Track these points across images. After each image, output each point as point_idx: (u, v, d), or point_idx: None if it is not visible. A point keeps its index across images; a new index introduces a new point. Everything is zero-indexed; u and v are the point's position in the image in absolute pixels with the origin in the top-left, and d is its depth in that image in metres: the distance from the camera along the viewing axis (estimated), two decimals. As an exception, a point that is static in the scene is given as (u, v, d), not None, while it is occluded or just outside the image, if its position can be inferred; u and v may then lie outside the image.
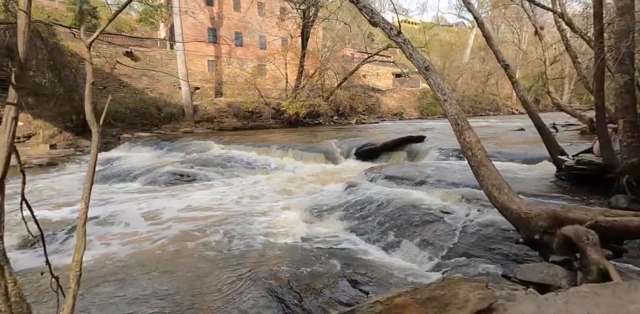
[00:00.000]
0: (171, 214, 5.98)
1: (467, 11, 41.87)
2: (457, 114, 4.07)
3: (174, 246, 4.50)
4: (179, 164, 10.15)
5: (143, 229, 5.20)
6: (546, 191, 5.20)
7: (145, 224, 5.45)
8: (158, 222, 5.51)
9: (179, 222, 5.51)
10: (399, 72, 35.33)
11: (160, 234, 4.99)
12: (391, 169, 7.14)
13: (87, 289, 3.41)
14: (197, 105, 22.28)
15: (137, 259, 4.13)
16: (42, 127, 16.95)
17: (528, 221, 2.94)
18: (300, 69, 22.47)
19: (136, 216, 5.83)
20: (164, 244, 4.58)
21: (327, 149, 10.87)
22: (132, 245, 4.61)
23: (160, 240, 4.75)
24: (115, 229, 5.28)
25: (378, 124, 24.41)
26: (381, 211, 4.98)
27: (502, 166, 6.44)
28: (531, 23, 12.50)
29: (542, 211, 2.86)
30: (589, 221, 2.49)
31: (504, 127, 16.45)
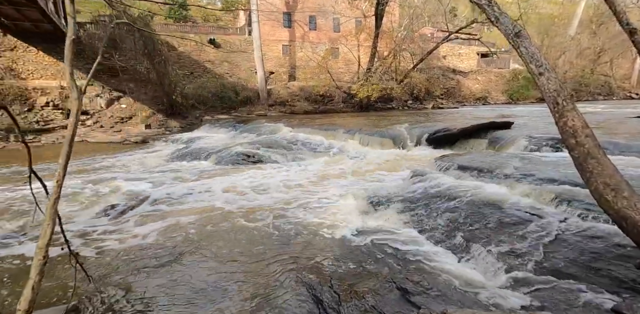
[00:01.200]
0: (230, 193, 6.08)
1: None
2: (556, 90, 3.18)
3: (224, 225, 4.51)
4: (247, 145, 10.45)
5: (198, 205, 5.35)
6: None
7: (202, 201, 5.61)
8: (214, 201, 5.63)
9: (234, 202, 5.56)
10: (485, 52, 31.66)
11: (214, 212, 5.07)
12: (467, 158, 6.25)
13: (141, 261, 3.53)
14: (271, 89, 22.90)
15: (183, 235, 4.22)
16: (140, 110, 19.13)
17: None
18: (373, 50, 21.40)
19: (196, 193, 6.06)
20: (214, 223, 4.62)
21: (396, 134, 10.14)
22: (184, 219, 4.74)
23: (212, 218, 4.81)
24: (170, 205, 5.53)
25: (457, 109, 22.36)
26: (449, 206, 4.31)
27: (616, 160, 5.15)
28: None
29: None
30: None
31: (618, 113, 13.59)
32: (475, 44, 32.52)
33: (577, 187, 4.11)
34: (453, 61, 32.45)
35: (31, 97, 17.56)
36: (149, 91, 19.75)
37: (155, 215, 5.09)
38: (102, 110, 18.73)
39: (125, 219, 4.91)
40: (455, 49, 32.74)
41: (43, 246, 1.11)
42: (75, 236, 4.25)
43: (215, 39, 23.56)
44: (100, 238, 4.28)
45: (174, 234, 4.28)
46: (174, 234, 4.28)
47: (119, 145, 14.91)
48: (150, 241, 4.13)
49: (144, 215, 5.11)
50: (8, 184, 7.17)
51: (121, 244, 4.08)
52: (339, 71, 26.48)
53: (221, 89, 21.21)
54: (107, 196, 6.01)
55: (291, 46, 25.92)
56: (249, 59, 23.84)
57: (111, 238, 4.24)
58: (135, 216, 5.08)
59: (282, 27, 25.48)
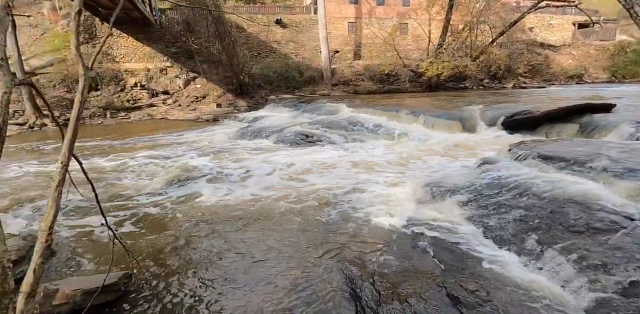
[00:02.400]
0: (285, 174, 6.10)
1: None
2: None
3: (274, 205, 4.51)
4: (307, 125, 10.42)
5: (254, 185, 5.44)
6: None
7: (258, 180, 5.70)
8: (270, 180, 5.69)
9: (287, 183, 5.56)
10: (585, 21, 26.88)
11: (267, 192, 5.10)
12: (551, 146, 5.36)
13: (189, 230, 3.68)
14: (335, 68, 22.46)
15: (233, 211, 4.30)
16: (213, 89, 20.26)
17: None
18: (446, 24, 19.46)
19: (254, 171, 6.19)
20: (265, 202, 4.65)
21: (466, 116, 9.21)
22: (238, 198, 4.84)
23: (264, 197, 4.85)
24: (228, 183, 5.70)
25: (544, 89, 19.66)
26: (523, 203, 3.72)
27: None
28: None
29: None
30: None
31: None
32: (571, 12, 27.78)
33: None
34: (542, 33, 28.30)
35: (123, 78, 19.60)
36: (220, 71, 20.70)
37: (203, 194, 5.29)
38: (180, 90, 20.21)
39: (181, 195, 5.19)
40: (545, 19, 28.42)
41: (46, 229, 1.07)
42: (127, 209, 4.61)
43: (282, 18, 23.56)
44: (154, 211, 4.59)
45: (219, 213, 4.40)
46: (219, 213, 4.40)
47: (193, 122, 16.09)
48: (198, 218, 4.30)
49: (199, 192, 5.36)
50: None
51: (162, 219, 4.31)
52: (407, 48, 24.84)
53: (286, 68, 21.38)
54: (173, 170, 6.44)
55: (357, 23, 24.88)
56: (314, 38, 23.53)
57: (160, 213, 4.50)
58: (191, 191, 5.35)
59: (348, 4, 24.46)
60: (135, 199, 5.02)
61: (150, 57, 20.47)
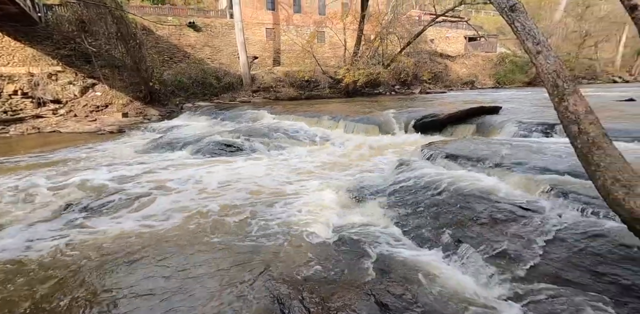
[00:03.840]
0: (200, 188, 5.64)
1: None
2: (556, 70, 2.78)
3: (189, 224, 4.10)
4: (227, 134, 9.93)
5: (165, 204, 4.90)
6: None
7: (169, 198, 5.15)
8: (183, 197, 5.19)
9: (203, 199, 5.13)
10: (473, 35, 31.15)
11: (179, 210, 4.63)
12: (455, 145, 5.90)
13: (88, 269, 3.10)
14: (255, 74, 22.07)
15: (144, 239, 3.79)
16: (117, 97, 18.16)
17: (684, 244, 1.78)
18: (359, 34, 20.64)
19: (165, 188, 5.59)
20: (178, 223, 4.20)
21: (382, 120, 9.74)
22: (146, 221, 4.30)
23: (176, 217, 4.39)
24: (134, 202, 5.06)
25: (445, 94, 22.04)
26: (437, 200, 3.97)
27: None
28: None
29: None
30: None
31: (606, 97, 13.45)
32: (462, 27, 31.93)
33: (573, 177, 3.81)
34: (440, 45, 31.88)
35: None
36: (125, 77, 18.71)
37: (111, 215, 4.62)
38: (76, 98, 17.71)
39: (78, 220, 4.43)
40: (442, 33, 32.11)
41: None
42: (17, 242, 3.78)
43: (195, 22, 22.37)
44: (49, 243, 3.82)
45: (128, 238, 3.85)
46: (128, 238, 3.85)
47: (93, 135, 14.15)
48: (102, 244, 3.69)
49: (100, 214, 4.64)
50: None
51: (71, 248, 3.63)
52: (325, 56, 25.67)
53: (202, 74, 20.30)
54: (65, 193, 5.49)
55: (275, 30, 24.91)
56: (231, 43, 22.84)
57: (62, 242, 3.78)
58: (90, 215, 4.60)
59: (265, 10, 24.38)
60: (7, 233, 4.11)
61: (35, 60, 17.58)
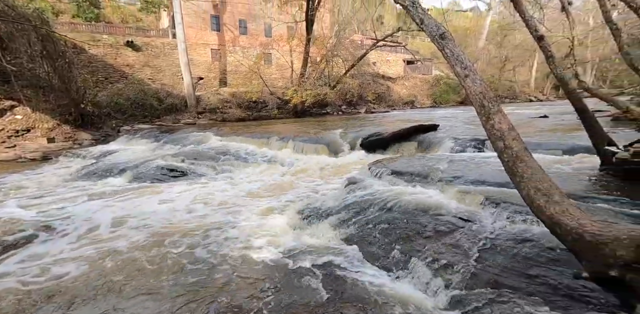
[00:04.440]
0: (141, 217, 5.20)
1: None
2: (482, 92, 3.06)
3: (129, 259, 3.71)
4: (170, 158, 9.41)
5: (99, 237, 4.42)
6: (590, 191, 4.17)
7: (105, 230, 4.67)
8: (120, 229, 4.73)
9: (145, 228, 4.72)
10: (411, 59, 33.76)
11: (118, 243, 4.20)
12: (400, 162, 6.16)
13: None
14: (200, 95, 21.51)
15: (79, 277, 3.35)
16: (41, 121, 16.45)
17: (598, 247, 1.97)
18: (306, 56, 21.31)
19: (98, 220, 5.06)
20: (117, 258, 3.78)
21: (330, 139, 9.93)
22: (80, 259, 3.82)
23: (114, 251, 3.96)
24: (65, 237, 4.51)
25: (389, 113, 23.26)
26: (386, 217, 4.05)
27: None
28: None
29: (624, 234, 1.89)
30: None
31: (525, 114, 15.15)
32: (401, 51, 34.47)
33: (503, 188, 4.14)
34: (382, 67, 33.97)
35: None
36: (52, 99, 17.10)
37: (35, 254, 4.05)
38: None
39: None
40: (383, 56, 34.33)
41: None
42: None
43: (134, 41, 21.47)
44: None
45: (58, 276, 3.38)
46: (58, 276, 3.38)
47: (12, 163, 12.60)
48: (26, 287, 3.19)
49: (18, 255, 4.04)
50: None
51: None
52: (272, 77, 25.96)
53: (142, 96, 19.29)
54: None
55: (221, 51, 24.77)
56: (174, 64, 22.17)
57: None
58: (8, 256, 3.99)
59: (210, 31, 24.24)
60: None
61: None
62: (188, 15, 22.53)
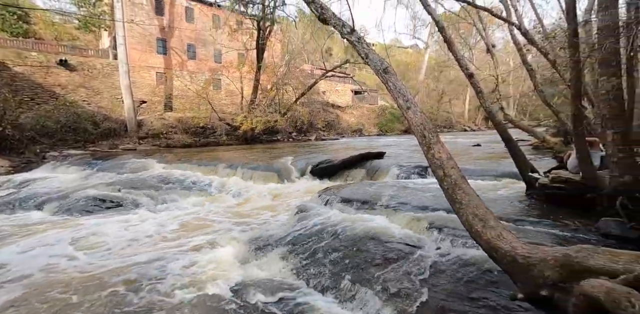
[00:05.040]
0: (67, 255, 4.59)
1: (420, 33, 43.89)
2: (422, 124, 3.29)
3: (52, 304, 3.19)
4: (104, 187, 8.61)
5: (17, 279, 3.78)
6: (519, 214, 4.56)
7: (24, 271, 4.03)
8: (41, 272, 4.11)
9: (72, 268, 4.16)
10: (358, 89, 35.68)
11: (29, 286, 3.62)
12: (349, 189, 6.26)
13: None
14: (142, 120, 20.40)
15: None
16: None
17: (528, 268, 2.12)
18: (256, 83, 21.52)
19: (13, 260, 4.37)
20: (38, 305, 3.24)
21: (280, 167, 9.86)
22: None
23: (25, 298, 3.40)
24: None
25: (338, 141, 23.91)
26: (335, 245, 4.02)
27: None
28: (483, 41, 12.67)
29: (549, 256, 2.05)
30: (626, 275, 1.70)
31: (461, 143, 16.51)
32: (349, 82, 36.39)
33: (445, 213, 4.37)
34: (332, 97, 35.36)
35: None
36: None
37: None
38: None
39: None
40: (332, 86, 35.87)
41: None
42: None
43: (68, 60, 20.04)
44: None
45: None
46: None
47: None
48: None
49: None
50: None
51: None
52: (222, 103, 25.66)
53: (74, 118, 17.80)
54: None
55: (167, 74, 24.06)
56: (114, 86, 20.99)
57: None
58: None
59: (155, 54, 23.57)
60: None
61: None
62: (132, 37, 21.83)
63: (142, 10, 22.66)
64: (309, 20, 22.58)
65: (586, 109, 7.11)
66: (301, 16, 27.92)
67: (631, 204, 3.15)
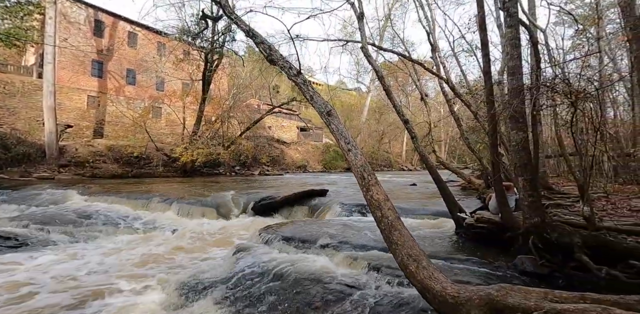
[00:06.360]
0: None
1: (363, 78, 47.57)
2: (362, 166, 3.48)
3: None
4: (8, 222, 7.44)
5: None
6: (449, 252, 4.85)
7: None
8: None
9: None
10: (303, 126, 36.64)
11: None
12: (290, 228, 6.17)
13: None
14: (66, 146, 18.48)
15: None
16: None
17: (457, 307, 2.23)
18: (200, 114, 21.04)
19: None
20: None
21: (220, 202, 9.44)
22: None
23: None
24: None
25: (282, 176, 23.80)
26: (274, 288, 3.85)
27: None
28: (418, 90, 14.08)
29: (474, 295, 2.20)
30: (537, 311, 1.88)
31: (398, 182, 17.46)
32: (295, 119, 37.30)
33: (383, 252, 4.49)
34: (277, 132, 35.74)
35: None
36: None
37: None
38: None
39: None
40: (279, 121, 36.45)
41: None
42: None
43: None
44: None
45: None
46: None
47: None
48: None
49: None
50: None
51: None
52: (161, 132, 24.49)
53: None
54: None
55: (101, 98, 22.55)
56: (35, 107, 19.02)
57: None
58: None
59: (89, 76, 22.11)
60: None
61: None
62: (63, 56, 20.42)
63: (78, 30, 21.54)
64: (259, 57, 23.28)
65: (503, 156, 8.11)
66: (250, 52, 28.75)
67: (540, 244, 3.56)
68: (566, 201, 6.49)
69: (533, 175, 3.60)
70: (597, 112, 3.94)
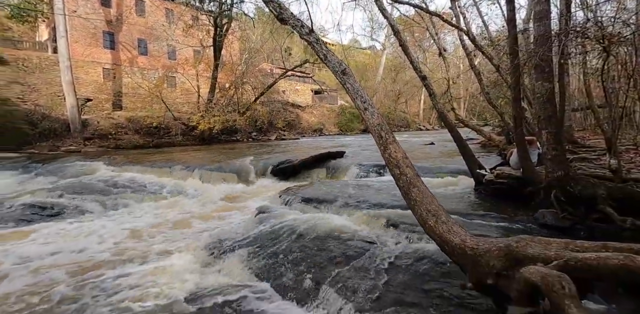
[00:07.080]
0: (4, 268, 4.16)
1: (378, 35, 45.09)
2: (379, 124, 3.40)
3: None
4: (44, 193, 7.91)
5: None
6: (468, 208, 4.87)
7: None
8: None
9: (8, 283, 3.79)
10: (318, 89, 35.87)
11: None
12: (309, 189, 6.30)
13: None
14: (88, 119, 18.96)
15: None
16: None
17: (476, 259, 2.28)
18: (214, 81, 20.86)
19: None
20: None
21: (240, 167, 9.66)
22: None
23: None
24: None
25: (298, 140, 23.90)
26: (296, 245, 4.02)
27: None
28: (436, 45, 13.29)
29: (493, 246, 2.22)
30: (557, 260, 1.89)
31: (416, 142, 17.22)
32: (309, 82, 36.47)
33: (401, 210, 4.55)
34: (292, 96, 35.23)
35: None
36: None
37: None
38: None
39: None
40: (293, 85, 35.75)
41: None
42: None
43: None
44: None
45: None
46: None
47: None
48: None
49: None
50: None
51: None
52: (177, 101, 24.58)
53: (6, 118, 16.14)
54: None
55: (116, 70, 22.57)
56: (54, 82, 19.28)
57: None
58: None
59: (101, 48, 21.99)
60: None
61: None
62: (75, 29, 20.22)
63: (86, 0, 21.04)
64: (268, 18, 22.31)
65: (526, 110, 7.76)
66: (260, 14, 27.53)
67: (563, 197, 3.50)
68: (592, 154, 6.26)
69: (558, 128, 3.43)
70: (632, 57, 3.63)
